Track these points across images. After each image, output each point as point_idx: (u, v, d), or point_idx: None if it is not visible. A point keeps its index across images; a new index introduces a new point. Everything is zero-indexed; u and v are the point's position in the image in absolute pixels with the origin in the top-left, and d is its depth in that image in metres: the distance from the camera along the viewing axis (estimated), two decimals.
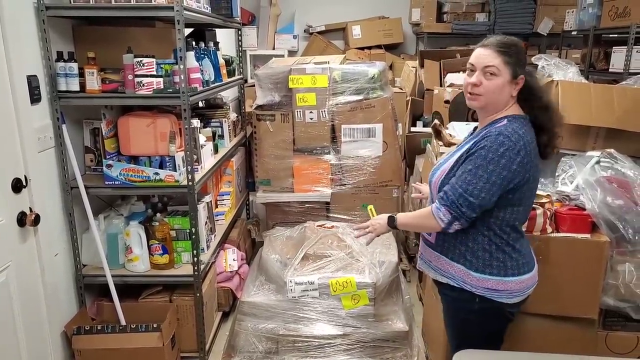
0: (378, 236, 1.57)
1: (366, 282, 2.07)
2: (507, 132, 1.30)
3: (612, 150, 1.89)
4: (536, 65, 2.32)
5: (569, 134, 2.02)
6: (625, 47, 3.30)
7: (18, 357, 1.69)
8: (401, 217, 1.50)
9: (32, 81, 1.75)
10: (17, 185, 1.67)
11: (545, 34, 4.78)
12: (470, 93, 1.37)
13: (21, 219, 1.68)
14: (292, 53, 5.08)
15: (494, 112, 1.39)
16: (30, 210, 1.73)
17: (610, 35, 3.83)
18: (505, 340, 1.57)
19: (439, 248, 1.46)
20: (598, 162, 1.87)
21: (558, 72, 2.19)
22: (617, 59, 3.45)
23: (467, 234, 1.39)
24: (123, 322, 2.02)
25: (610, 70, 3.57)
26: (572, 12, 4.22)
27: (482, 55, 1.34)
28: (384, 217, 1.52)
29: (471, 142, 1.39)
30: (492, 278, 1.39)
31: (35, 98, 1.77)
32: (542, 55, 2.34)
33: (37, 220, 1.72)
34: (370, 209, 1.66)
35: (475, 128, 1.51)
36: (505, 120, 1.35)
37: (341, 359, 2.09)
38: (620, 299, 1.79)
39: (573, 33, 4.23)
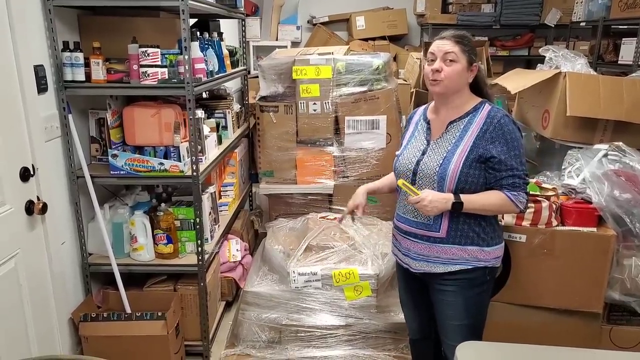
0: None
1: (369, 274, 2.08)
2: (506, 113, 1.47)
3: (620, 144, 1.88)
4: (543, 57, 2.29)
5: (576, 127, 2.00)
6: (635, 38, 3.25)
7: (27, 342, 1.71)
8: (469, 203, 1.42)
9: (38, 71, 1.75)
10: (25, 174, 1.69)
11: (553, 25, 4.70)
12: (432, 79, 1.47)
13: (29, 207, 1.70)
14: (295, 44, 5.04)
15: (453, 97, 1.49)
16: (38, 198, 1.75)
17: (620, 27, 3.77)
18: (509, 334, 1.60)
19: (452, 239, 1.48)
20: (606, 155, 1.85)
21: (566, 63, 2.16)
22: (627, 50, 3.40)
23: (482, 215, 1.48)
24: (128, 310, 2.04)
25: (619, 62, 3.51)
26: (581, 2, 4.15)
27: (442, 44, 1.45)
28: (447, 198, 1.41)
29: (474, 128, 1.45)
30: (497, 246, 1.53)
31: (42, 88, 1.78)
32: (550, 46, 2.30)
33: (44, 208, 1.73)
34: (405, 184, 1.46)
35: (427, 120, 1.56)
36: (487, 104, 1.49)
37: (343, 350, 2.11)
38: (625, 293, 1.79)
39: (582, 24, 4.16)
